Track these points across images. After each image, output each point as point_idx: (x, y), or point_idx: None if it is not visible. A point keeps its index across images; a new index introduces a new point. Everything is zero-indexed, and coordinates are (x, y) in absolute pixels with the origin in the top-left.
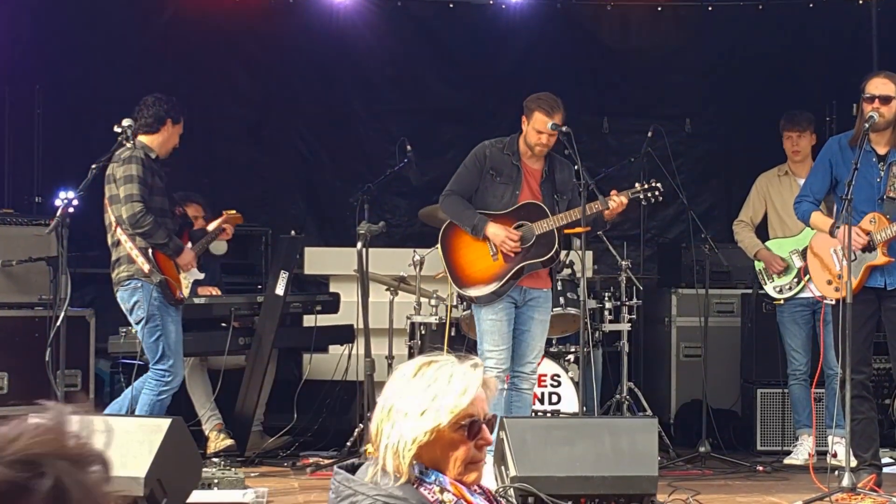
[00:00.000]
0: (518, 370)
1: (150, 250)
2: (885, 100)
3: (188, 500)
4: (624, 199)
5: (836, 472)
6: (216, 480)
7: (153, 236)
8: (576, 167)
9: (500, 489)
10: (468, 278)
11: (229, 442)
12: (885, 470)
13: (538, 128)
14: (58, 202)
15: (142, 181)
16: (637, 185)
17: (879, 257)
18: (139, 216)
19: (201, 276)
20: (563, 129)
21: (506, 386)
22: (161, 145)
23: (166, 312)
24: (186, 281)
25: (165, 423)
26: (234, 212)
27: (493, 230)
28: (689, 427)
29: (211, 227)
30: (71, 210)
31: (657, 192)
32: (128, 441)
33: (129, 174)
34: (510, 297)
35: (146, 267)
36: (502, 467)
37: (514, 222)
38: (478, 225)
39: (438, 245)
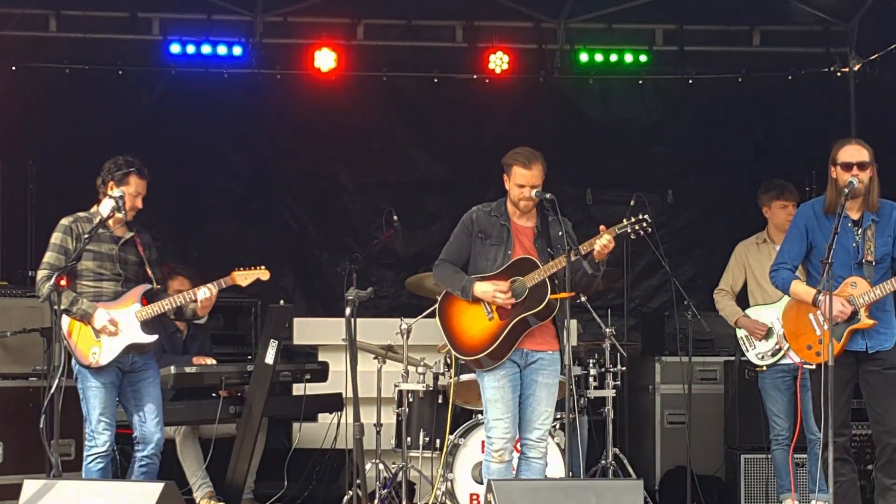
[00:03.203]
0: (525, 437)
1: (64, 316)
2: (863, 166)
3: None
4: (609, 237)
5: None
6: None
7: (53, 303)
8: (560, 233)
9: None
10: (468, 343)
11: None
12: None
13: (519, 182)
14: None
15: (57, 248)
16: (624, 220)
17: (863, 320)
18: (38, 283)
19: (148, 339)
20: (547, 196)
21: (514, 456)
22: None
23: (85, 377)
24: (112, 345)
25: (158, 487)
26: (250, 271)
27: (481, 287)
28: (674, 493)
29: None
30: (63, 283)
31: (645, 224)
32: None
33: (49, 242)
34: (512, 362)
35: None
36: None
37: (507, 280)
38: (466, 286)
39: (437, 317)
